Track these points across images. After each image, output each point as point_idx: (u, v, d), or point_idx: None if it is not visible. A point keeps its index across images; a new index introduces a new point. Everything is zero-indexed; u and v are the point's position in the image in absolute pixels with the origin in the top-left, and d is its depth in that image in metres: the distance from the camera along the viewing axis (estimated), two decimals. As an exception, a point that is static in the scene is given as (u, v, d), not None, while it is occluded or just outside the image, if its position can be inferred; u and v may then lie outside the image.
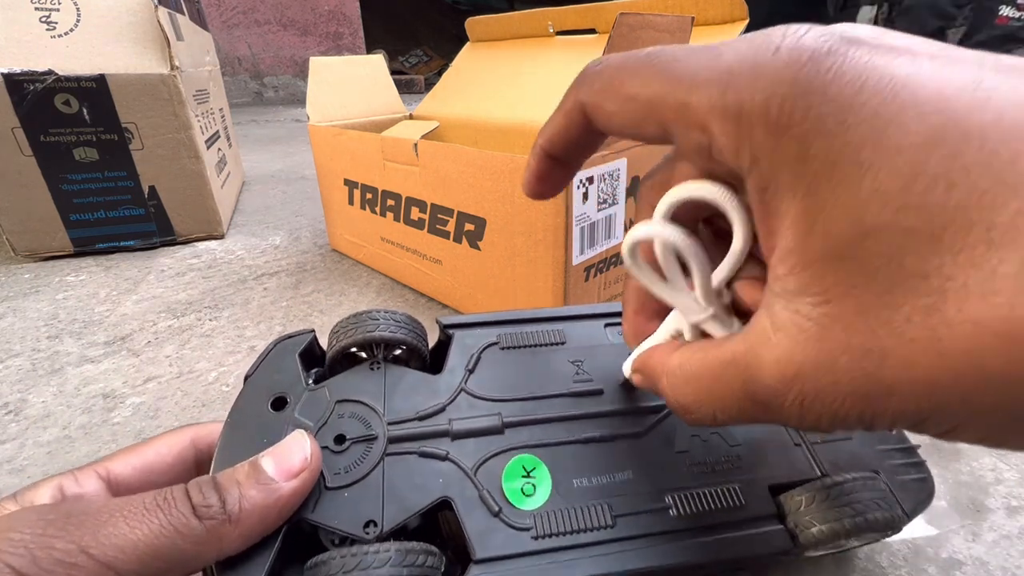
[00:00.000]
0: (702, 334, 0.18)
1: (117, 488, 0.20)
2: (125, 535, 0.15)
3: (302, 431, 0.20)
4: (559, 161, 0.19)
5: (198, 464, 0.22)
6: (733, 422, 0.15)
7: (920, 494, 0.23)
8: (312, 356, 0.25)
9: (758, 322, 0.13)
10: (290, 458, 0.18)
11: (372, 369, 0.23)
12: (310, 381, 0.24)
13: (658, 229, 0.15)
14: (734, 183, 0.14)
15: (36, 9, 0.67)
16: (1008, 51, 1.68)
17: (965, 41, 1.66)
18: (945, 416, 0.10)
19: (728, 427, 0.23)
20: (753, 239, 0.15)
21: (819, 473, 0.23)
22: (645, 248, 0.17)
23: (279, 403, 0.22)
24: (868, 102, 0.10)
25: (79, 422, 0.41)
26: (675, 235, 0.15)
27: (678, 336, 0.19)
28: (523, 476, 0.21)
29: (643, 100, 0.14)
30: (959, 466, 0.34)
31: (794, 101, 0.11)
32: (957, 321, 0.09)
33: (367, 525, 0.19)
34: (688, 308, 0.17)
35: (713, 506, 0.21)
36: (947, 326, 0.10)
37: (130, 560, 0.14)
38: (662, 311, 0.20)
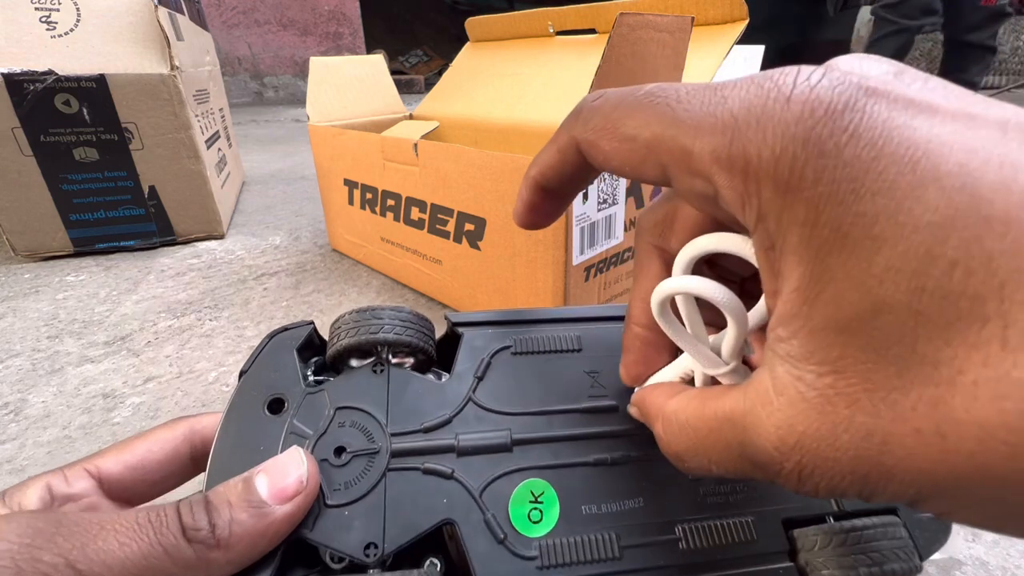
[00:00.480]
0: (713, 380, 0.17)
1: (109, 487, 0.20)
2: (114, 552, 0.14)
3: (299, 448, 0.19)
4: (552, 193, 0.18)
5: (194, 459, 0.22)
6: (729, 476, 0.14)
7: (937, 533, 0.22)
8: (312, 346, 0.24)
9: (760, 381, 0.13)
10: (285, 478, 0.17)
11: (375, 372, 0.22)
12: (309, 372, 0.23)
13: (711, 290, 0.15)
14: (739, 229, 0.14)
15: (36, 9, 0.67)
16: (995, 30, 1.65)
17: (948, 28, 1.59)
18: (942, 504, 0.10)
19: None
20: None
21: (836, 508, 0.22)
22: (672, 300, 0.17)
23: (276, 405, 0.21)
24: (886, 170, 0.10)
25: (79, 422, 0.41)
26: (723, 295, 0.15)
27: (687, 378, 0.19)
28: (531, 501, 0.20)
29: (642, 141, 0.13)
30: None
31: (806, 162, 0.10)
32: (964, 421, 0.09)
33: (367, 547, 0.18)
34: (710, 361, 0.17)
35: (724, 540, 0.20)
36: (953, 424, 0.09)
37: None
38: (665, 361, 0.20)
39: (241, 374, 0.22)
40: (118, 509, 0.20)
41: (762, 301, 0.15)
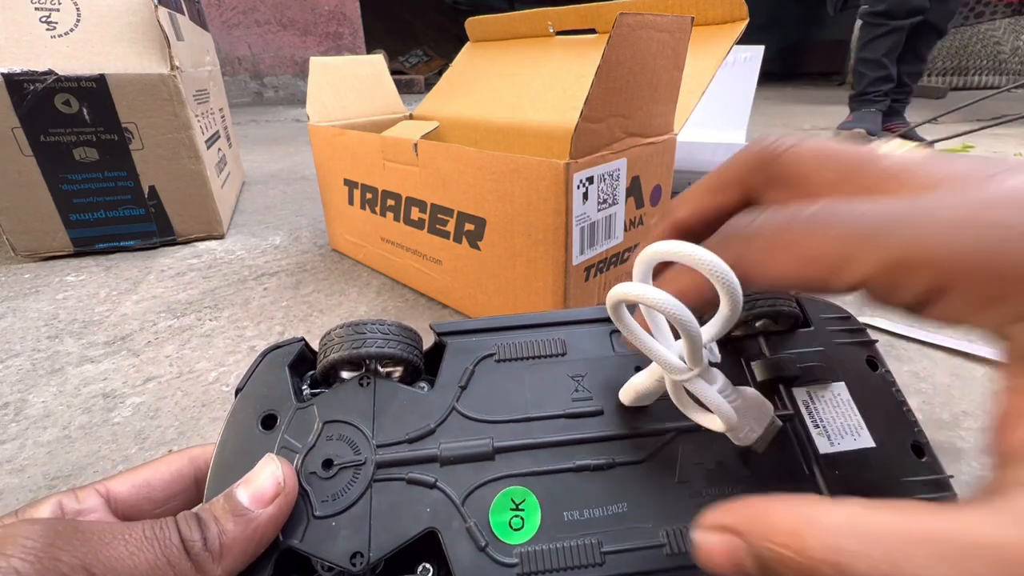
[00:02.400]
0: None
1: (116, 505, 0.21)
2: (124, 560, 0.15)
3: (271, 455, 0.20)
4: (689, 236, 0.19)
5: (197, 481, 0.23)
6: None
7: None
8: (304, 361, 0.25)
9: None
10: (262, 484, 0.19)
11: (362, 385, 0.23)
12: (305, 387, 0.24)
13: (652, 296, 0.15)
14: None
15: (36, 9, 0.67)
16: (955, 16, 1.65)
17: (930, 15, 1.57)
18: None
19: (736, 455, 0.22)
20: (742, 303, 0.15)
21: None
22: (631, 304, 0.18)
23: (269, 421, 0.22)
24: None
25: (79, 422, 0.41)
26: (672, 307, 0.15)
27: (662, 381, 0.19)
28: (511, 509, 0.20)
29: (831, 253, 0.13)
30: (959, 466, 0.34)
31: None
32: None
33: (354, 556, 0.19)
34: (673, 367, 0.17)
35: None
36: None
37: None
38: None
39: (237, 392, 0.23)
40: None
41: (722, 311, 0.16)
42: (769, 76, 4.60)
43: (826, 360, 0.25)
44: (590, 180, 0.42)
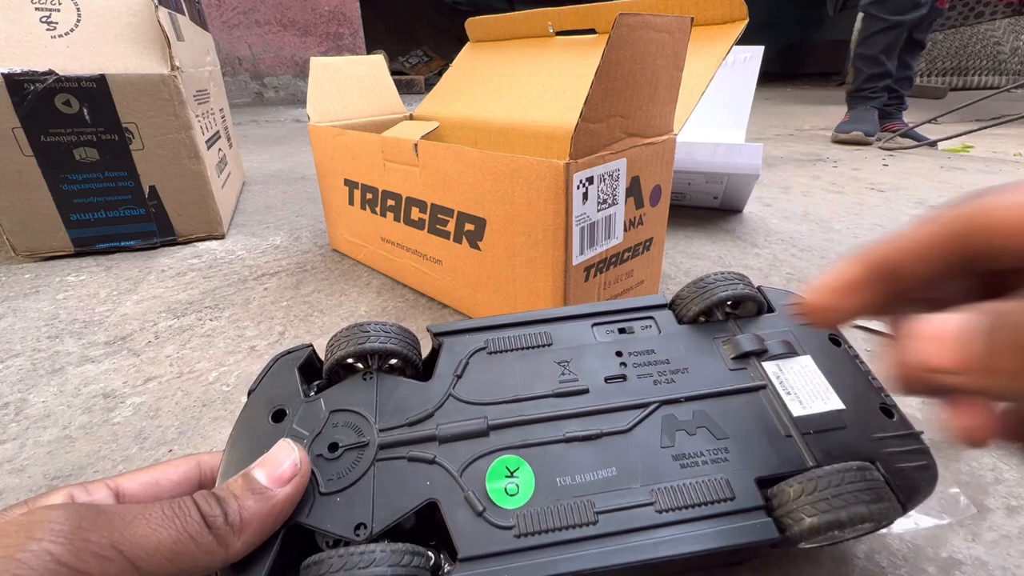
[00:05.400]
0: None
1: (124, 499, 0.21)
2: (148, 537, 0.16)
3: (288, 440, 0.21)
4: (892, 283, 0.16)
5: (202, 485, 0.24)
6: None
7: (920, 482, 0.22)
8: (311, 368, 0.26)
9: None
10: (280, 466, 0.20)
11: (365, 379, 0.25)
12: (311, 392, 0.25)
13: None
14: None
15: (36, 9, 0.67)
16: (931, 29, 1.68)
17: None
18: None
19: (715, 420, 0.24)
20: None
21: (811, 464, 0.22)
22: None
23: (279, 415, 0.23)
24: None
25: (79, 422, 0.41)
26: None
27: None
28: (506, 476, 0.22)
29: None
30: (959, 466, 0.34)
31: None
32: None
33: (358, 527, 0.20)
34: None
35: (698, 500, 0.21)
36: None
37: (152, 561, 0.16)
38: (851, 307, 0.17)
39: (249, 392, 0.24)
40: None
41: None
42: (769, 76, 4.60)
43: (791, 338, 0.27)
44: (590, 180, 0.42)
